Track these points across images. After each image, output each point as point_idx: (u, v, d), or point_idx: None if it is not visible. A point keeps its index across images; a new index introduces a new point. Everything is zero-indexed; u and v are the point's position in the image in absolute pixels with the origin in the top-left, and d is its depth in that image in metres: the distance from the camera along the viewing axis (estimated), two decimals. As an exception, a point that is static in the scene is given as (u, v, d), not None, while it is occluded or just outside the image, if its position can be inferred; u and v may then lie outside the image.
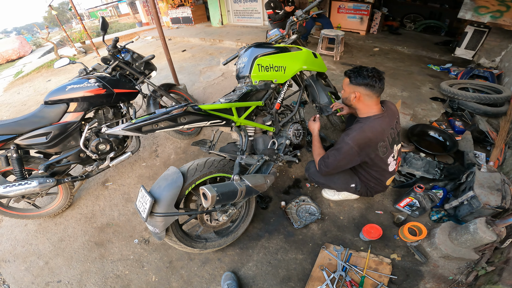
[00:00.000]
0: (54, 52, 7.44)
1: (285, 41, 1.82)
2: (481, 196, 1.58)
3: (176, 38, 7.65)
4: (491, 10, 3.45)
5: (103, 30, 2.05)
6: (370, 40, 5.37)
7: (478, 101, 2.68)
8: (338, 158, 1.41)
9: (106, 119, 2.08)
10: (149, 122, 1.05)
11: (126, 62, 2.26)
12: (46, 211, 2.10)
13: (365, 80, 1.32)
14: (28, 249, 1.92)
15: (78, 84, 1.87)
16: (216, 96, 3.75)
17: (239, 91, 1.49)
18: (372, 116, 1.39)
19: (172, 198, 1.20)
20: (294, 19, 1.75)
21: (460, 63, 4.20)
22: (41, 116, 1.81)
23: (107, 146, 2.01)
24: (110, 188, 2.38)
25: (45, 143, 1.80)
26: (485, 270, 1.41)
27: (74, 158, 1.96)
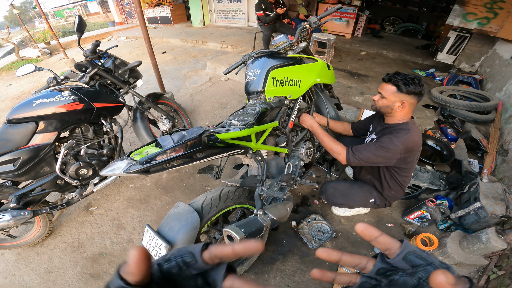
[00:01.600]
0: (15, 53, 6.68)
1: (293, 49, 1.66)
2: (487, 206, 1.65)
3: (154, 38, 7.21)
4: (479, 16, 3.57)
5: (79, 31, 1.72)
6: (356, 43, 5.43)
7: (469, 108, 2.74)
8: (376, 154, 1.33)
9: (85, 139, 1.78)
10: (159, 162, 0.85)
11: (107, 69, 1.95)
12: (23, 240, 1.82)
13: (417, 89, 1.26)
14: (12, 281, 1.69)
15: (48, 98, 1.55)
16: (206, 104, 3.53)
17: (251, 110, 1.31)
18: (410, 121, 1.36)
19: (190, 241, 1.05)
20: (306, 25, 1.56)
21: (442, 67, 4.35)
22: (4, 139, 1.49)
23: (89, 171, 1.74)
24: (95, 213, 2.09)
25: (13, 171, 1.50)
26: (496, 274, 1.48)
27: (50, 186, 1.67)
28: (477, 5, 3.52)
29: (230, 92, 3.81)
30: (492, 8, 3.43)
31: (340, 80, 3.64)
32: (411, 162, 1.43)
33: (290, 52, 1.66)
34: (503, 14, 3.35)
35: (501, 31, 3.37)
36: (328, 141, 1.49)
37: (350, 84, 3.51)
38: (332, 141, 1.49)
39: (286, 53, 1.60)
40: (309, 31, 1.68)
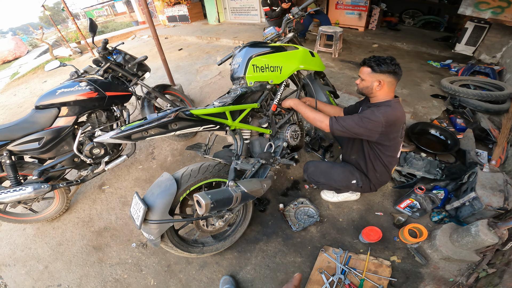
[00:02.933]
0: (49, 52, 7.36)
1: (281, 40, 1.76)
2: (483, 197, 1.55)
3: (173, 36, 7.56)
4: (492, 6, 3.39)
5: (91, 31, 2.00)
6: (368, 36, 5.30)
7: (479, 98, 2.63)
8: (359, 124, 1.36)
9: (99, 123, 2.03)
10: (138, 130, 1.01)
11: (118, 63, 2.21)
12: (43, 215, 2.08)
13: (390, 68, 1.33)
14: (27, 253, 1.91)
15: (69, 88, 1.82)
16: (213, 96, 3.70)
17: (233, 93, 1.43)
18: (392, 99, 1.41)
19: (166, 205, 1.18)
20: (290, 16, 1.68)
21: (461, 59, 4.14)
22: (32, 121, 1.76)
23: (101, 150, 1.97)
24: (106, 191, 2.34)
25: (37, 148, 1.77)
26: (486, 272, 1.40)
27: (68, 163, 1.93)
28: None
29: (238, 85, 3.95)
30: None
31: (346, 71, 3.63)
32: (394, 139, 1.44)
33: (279, 42, 1.76)
34: None
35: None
36: (311, 112, 1.53)
37: (355, 75, 3.50)
38: (314, 112, 1.52)
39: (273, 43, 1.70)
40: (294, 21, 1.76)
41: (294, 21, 1.76)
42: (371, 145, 1.52)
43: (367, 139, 1.47)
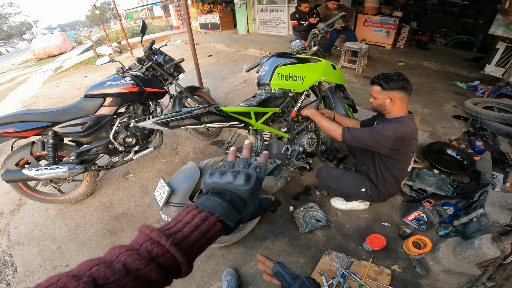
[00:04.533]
0: (93, 50, 8.08)
1: (306, 52, 1.92)
2: (491, 214, 1.59)
3: (203, 43, 8.01)
4: None
5: (142, 32, 2.27)
6: (395, 54, 5.32)
7: (501, 121, 2.60)
8: (369, 136, 1.45)
9: (135, 115, 2.28)
10: (176, 118, 1.19)
11: (159, 63, 2.47)
12: (69, 197, 2.26)
13: (398, 84, 1.41)
14: (44, 233, 2.04)
15: (115, 81, 2.08)
16: (237, 101, 3.92)
17: (258, 97, 1.61)
18: (405, 116, 1.48)
19: (188, 190, 1.33)
20: (316, 31, 1.84)
21: (489, 80, 4.04)
22: (80, 107, 2.02)
23: (133, 140, 2.21)
24: (130, 180, 2.56)
25: (80, 132, 2.00)
26: (485, 286, 1.42)
27: (102, 149, 2.16)
28: None
29: (261, 92, 4.14)
30: None
31: (367, 88, 3.69)
32: (404, 154, 1.51)
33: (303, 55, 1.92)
34: None
35: None
36: (325, 121, 1.64)
37: (377, 92, 3.54)
38: (329, 122, 1.63)
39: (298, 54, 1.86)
40: (319, 36, 1.92)
41: (319, 36, 1.91)
42: (381, 157, 1.59)
43: (377, 151, 1.55)
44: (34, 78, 7.17)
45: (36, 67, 8.95)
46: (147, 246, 0.33)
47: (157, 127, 1.18)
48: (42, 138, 1.96)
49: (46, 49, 10.74)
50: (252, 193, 0.44)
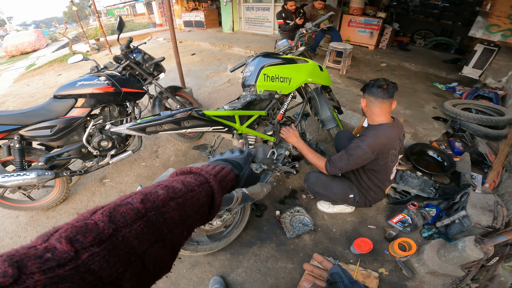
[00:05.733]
0: (68, 47, 7.66)
1: (292, 52, 1.86)
2: (473, 216, 1.61)
3: (187, 41, 7.81)
4: (503, 28, 3.45)
5: (119, 29, 2.13)
6: (378, 55, 5.42)
7: (479, 122, 2.67)
8: (350, 160, 1.45)
9: (111, 117, 2.13)
10: (153, 123, 1.10)
11: (137, 62, 2.33)
12: (40, 203, 2.11)
13: (366, 87, 1.44)
14: (15, 241, 1.93)
15: (88, 81, 1.93)
16: (221, 102, 3.82)
17: (243, 99, 1.53)
18: (384, 124, 1.45)
19: None
20: (303, 31, 1.78)
21: (467, 82, 4.19)
22: (48, 109, 1.86)
23: (109, 143, 2.07)
24: (107, 185, 2.41)
25: (49, 136, 1.84)
26: (469, 287, 1.44)
27: (75, 153, 2.00)
28: (500, 16, 3.40)
29: (246, 92, 4.07)
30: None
31: (352, 89, 3.72)
32: (384, 165, 1.51)
33: (290, 55, 1.86)
34: None
35: None
36: (312, 157, 1.64)
37: (360, 93, 3.55)
38: (315, 157, 1.63)
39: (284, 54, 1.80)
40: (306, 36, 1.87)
41: (306, 36, 1.86)
42: (363, 169, 1.58)
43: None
44: (4, 76, 6.68)
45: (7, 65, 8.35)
46: (193, 176, 0.44)
47: (133, 132, 1.08)
48: (7, 142, 1.80)
49: (18, 46, 10.13)
50: (246, 161, 0.59)
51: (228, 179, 0.50)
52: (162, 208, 0.33)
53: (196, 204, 0.39)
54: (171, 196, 0.36)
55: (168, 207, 0.34)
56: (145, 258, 0.28)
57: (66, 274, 0.21)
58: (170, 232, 0.32)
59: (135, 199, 0.33)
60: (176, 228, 0.33)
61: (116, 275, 0.25)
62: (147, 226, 0.30)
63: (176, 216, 0.34)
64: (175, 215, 0.34)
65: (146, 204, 0.32)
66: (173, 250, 0.34)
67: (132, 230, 0.28)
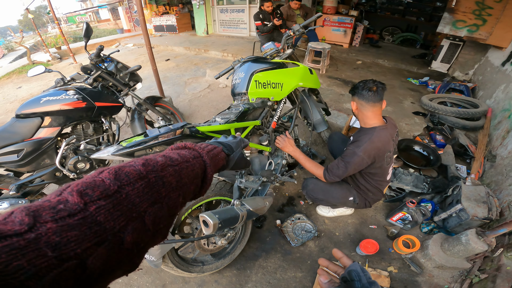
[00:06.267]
0: (27, 57, 6.99)
1: (280, 56, 1.78)
2: (469, 208, 1.65)
3: (159, 46, 7.49)
4: (468, 24, 3.62)
5: (86, 36, 1.91)
6: (353, 53, 5.57)
7: (457, 115, 2.80)
8: (347, 170, 1.43)
9: (85, 135, 1.92)
10: (143, 147, 0.96)
11: (110, 72, 2.12)
12: None
13: (356, 90, 1.39)
14: None
15: (54, 96, 1.72)
16: (203, 109, 3.66)
17: (235, 110, 1.42)
18: (378, 127, 1.42)
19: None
20: (290, 33, 1.70)
21: (436, 76, 4.43)
22: (12, 131, 1.64)
23: (86, 165, 1.86)
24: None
25: (16, 161, 1.63)
26: (479, 278, 1.47)
27: (49, 178, 1.79)
28: (466, 12, 3.56)
29: (228, 98, 3.95)
30: (481, 15, 3.47)
31: (334, 88, 3.75)
32: (379, 168, 1.50)
33: (277, 58, 1.79)
34: (492, 21, 3.38)
35: (491, 37, 3.41)
36: (310, 166, 1.61)
37: (343, 92, 3.62)
38: (313, 166, 1.60)
39: (272, 58, 1.72)
40: (294, 38, 1.80)
41: (294, 38, 1.79)
42: (360, 172, 1.57)
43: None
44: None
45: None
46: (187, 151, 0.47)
47: (118, 158, 0.93)
48: None
49: (-31, 58, 9.07)
50: (237, 145, 0.62)
51: (219, 158, 0.53)
52: (161, 172, 0.36)
53: (191, 174, 0.42)
54: (168, 163, 0.38)
55: (166, 172, 0.36)
56: (145, 216, 0.30)
57: (75, 223, 0.24)
58: (168, 195, 0.35)
59: (137, 162, 0.35)
60: (173, 192, 0.36)
61: (119, 227, 0.27)
62: (147, 186, 0.32)
63: (173, 181, 0.37)
64: (172, 180, 0.37)
65: (147, 167, 0.34)
66: (170, 215, 0.36)
67: (134, 189, 0.31)
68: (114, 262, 0.26)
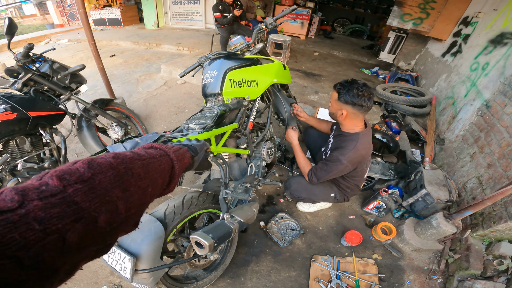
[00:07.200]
0: None
1: (250, 51, 1.66)
2: (432, 192, 1.79)
3: (102, 41, 6.65)
4: (414, 17, 3.92)
5: (9, 34, 1.52)
6: (310, 44, 5.71)
7: (407, 103, 3.05)
8: (330, 174, 1.44)
9: (22, 152, 1.56)
10: None
11: (44, 74, 1.73)
12: None
13: (354, 99, 1.28)
14: None
15: None
16: (162, 109, 3.35)
17: (210, 113, 1.26)
18: (361, 132, 1.39)
19: (156, 251, 1.02)
20: (262, 26, 1.56)
21: (384, 66, 4.81)
22: None
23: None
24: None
25: None
26: (453, 258, 1.61)
27: None
28: (412, 5, 3.85)
29: (188, 95, 3.69)
30: (425, 9, 3.78)
31: (296, 80, 3.79)
32: (361, 171, 1.53)
33: (247, 53, 1.66)
34: (434, 15, 3.71)
35: (432, 30, 3.76)
36: (304, 163, 1.60)
37: (306, 84, 3.67)
38: (306, 164, 1.59)
39: (243, 54, 1.60)
40: (265, 32, 1.70)
41: (265, 32, 1.68)
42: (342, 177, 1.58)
43: None
44: None
45: None
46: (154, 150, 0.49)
47: None
48: None
49: None
50: (201, 148, 0.66)
51: (185, 157, 0.56)
52: (130, 164, 0.38)
53: (158, 169, 0.44)
54: (136, 157, 0.41)
55: (135, 165, 0.39)
56: (117, 201, 0.33)
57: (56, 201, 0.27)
58: (137, 184, 0.38)
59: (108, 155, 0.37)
60: (141, 182, 0.39)
61: (94, 207, 0.30)
62: (118, 175, 0.35)
63: (141, 172, 0.39)
64: (141, 172, 0.39)
65: (117, 159, 0.37)
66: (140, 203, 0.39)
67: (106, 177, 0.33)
68: (89, 238, 0.29)
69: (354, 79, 1.35)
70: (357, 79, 1.34)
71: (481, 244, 1.59)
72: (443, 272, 1.61)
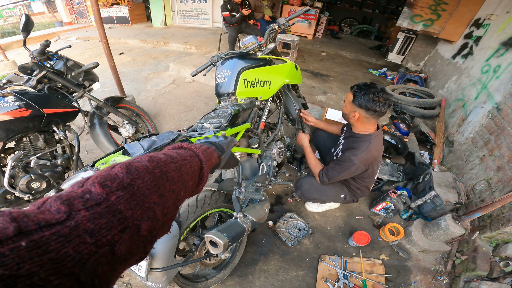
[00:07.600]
0: None
1: (262, 51, 1.67)
2: (441, 194, 1.79)
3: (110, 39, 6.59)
4: (424, 18, 3.88)
5: (25, 31, 1.55)
6: (317, 44, 5.69)
7: (416, 105, 3.02)
8: (342, 174, 1.44)
9: (35, 149, 1.59)
10: None
11: (58, 71, 1.77)
12: None
13: (368, 104, 1.27)
14: None
15: None
16: (170, 107, 3.38)
17: (223, 112, 1.28)
18: (373, 133, 1.40)
19: (171, 250, 1.04)
20: (275, 27, 1.56)
21: (392, 67, 4.76)
22: None
23: (42, 183, 1.56)
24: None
25: None
26: (460, 259, 1.61)
27: None
28: (423, 7, 3.81)
29: (196, 94, 3.72)
30: (436, 10, 3.75)
31: (304, 80, 3.77)
32: (371, 172, 1.53)
33: (259, 53, 1.67)
34: (445, 16, 3.67)
35: (443, 32, 3.72)
36: (315, 163, 1.62)
37: (314, 84, 3.66)
38: (317, 165, 1.61)
39: (256, 54, 1.60)
40: (277, 32, 1.70)
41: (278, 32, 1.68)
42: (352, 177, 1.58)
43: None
44: None
45: None
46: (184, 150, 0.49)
47: None
48: None
49: None
50: (228, 145, 0.65)
51: (213, 157, 0.56)
52: (164, 168, 0.38)
53: (189, 170, 0.44)
54: (170, 160, 0.41)
55: (169, 168, 0.39)
56: (155, 207, 0.33)
57: (103, 211, 0.26)
58: (171, 189, 0.37)
59: (144, 158, 0.37)
60: (175, 186, 0.39)
61: (136, 216, 0.29)
62: (154, 180, 0.35)
63: (175, 176, 0.39)
64: (174, 175, 0.39)
65: (152, 163, 0.37)
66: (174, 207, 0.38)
67: (144, 182, 0.33)
68: (134, 248, 0.28)
69: (373, 82, 1.33)
70: (375, 83, 1.33)
71: (488, 245, 1.59)
72: (450, 273, 1.62)
